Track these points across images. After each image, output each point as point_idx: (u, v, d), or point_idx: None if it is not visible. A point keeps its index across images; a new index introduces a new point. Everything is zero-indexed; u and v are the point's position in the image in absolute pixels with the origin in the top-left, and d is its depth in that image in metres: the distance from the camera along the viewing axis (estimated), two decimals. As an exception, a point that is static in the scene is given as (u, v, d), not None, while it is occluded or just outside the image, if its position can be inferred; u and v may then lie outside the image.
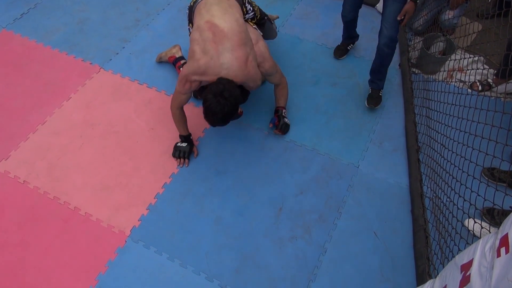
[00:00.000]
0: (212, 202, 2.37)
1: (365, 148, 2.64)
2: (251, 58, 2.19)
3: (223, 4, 2.21)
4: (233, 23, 2.14)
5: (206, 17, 2.17)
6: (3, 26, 3.27)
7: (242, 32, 2.15)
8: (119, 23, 3.34)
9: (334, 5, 3.57)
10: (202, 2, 2.28)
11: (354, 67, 3.09)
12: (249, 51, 2.18)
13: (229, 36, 2.10)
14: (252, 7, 2.44)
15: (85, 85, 2.90)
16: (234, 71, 2.14)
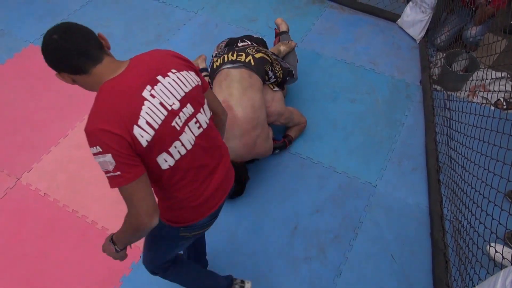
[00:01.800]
0: (227, 218, 2.37)
1: (383, 166, 2.59)
2: (260, 140, 2.24)
3: (244, 83, 2.20)
4: (248, 108, 2.16)
5: (224, 94, 2.19)
6: (30, 41, 3.39)
7: (255, 118, 2.18)
8: (141, 38, 3.41)
9: (354, 20, 3.55)
10: (224, 71, 2.27)
11: (373, 82, 3.05)
12: (259, 132, 2.22)
13: (240, 123, 2.15)
14: (275, 73, 2.39)
15: (106, 99, 2.96)
16: (240, 154, 2.24)
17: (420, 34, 3.29)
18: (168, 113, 1.20)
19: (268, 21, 3.52)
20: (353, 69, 3.15)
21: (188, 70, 1.30)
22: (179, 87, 1.24)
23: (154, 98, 1.18)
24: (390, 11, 3.54)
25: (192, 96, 1.28)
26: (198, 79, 1.33)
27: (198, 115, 1.30)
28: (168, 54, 1.31)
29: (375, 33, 3.43)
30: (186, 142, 1.27)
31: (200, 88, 1.33)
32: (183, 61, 1.32)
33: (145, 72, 1.20)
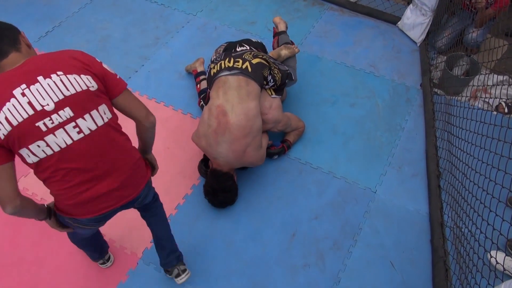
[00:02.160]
0: (225, 225, 2.35)
1: (383, 172, 2.57)
2: (251, 148, 2.20)
3: (242, 91, 2.18)
4: (242, 116, 2.13)
5: (220, 100, 2.18)
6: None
7: (248, 126, 2.15)
8: (140, 41, 3.38)
9: (354, 22, 3.52)
10: (221, 78, 2.25)
11: (373, 86, 3.03)
12: (250, 141, 2.18)
13: (232, 129, 2.13)
14: (274, 77, 2.35)
15: (104, 102, 2.94)
16: (230, 161, 2.23)
17: (421, 37, 3.26)
18: (34, 113, 1.24)
19: (267, 24, 3.50)
20: (353, 73, 3.12)
21: (81, 74, 1.31)
22: (58, 89, 1.27)
23: (23, 97, 1.23)
24: (390, 13, 3.51)
25: (74, 100, 1.29)
26: (93, 84, 1.33)
27: (79, 120, 1.31)
28: (66, 55, 1.33)
29: (375, 35, 3.40)
30: (53, 143, 1.29)
31: (92, 93, 1.33)
32: (81, 63, 1.33)
33: (29, 71, 1.25)
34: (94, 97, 1.33)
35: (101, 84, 1.36)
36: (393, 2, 3.63)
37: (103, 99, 1.37)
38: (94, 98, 1.33)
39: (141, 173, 1.56)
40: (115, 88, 1.40)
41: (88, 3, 3.69)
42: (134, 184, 1.52)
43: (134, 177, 1.51)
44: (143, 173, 1.57)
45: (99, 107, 1.35)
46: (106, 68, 1.41)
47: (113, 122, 1.43)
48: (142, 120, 1.49)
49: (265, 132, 2.46)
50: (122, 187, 1.47)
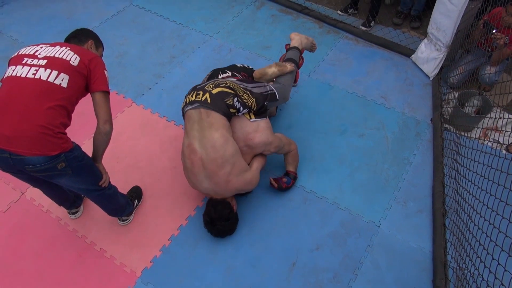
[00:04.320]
0: (225, 250, 2.34)
1: (388, 206, 2.55)
2: (233, 176, 2.17)
3: (203, 123, 2.15)
4: (209, 149, 2.11)
5: (189, 138, 2.20)
6: (48, 55, 3.46)
7: (219, 157, 2.12)
8: (155, 58, 3.46)
9: (368, 52, 3.55)
10: (187, 113, 2.25)
11: (383, 118, 3.03)
12: (229, 170, 2.15)
13: (205, 165, 2.13)
14: (244, 103, 2.26)
15: (116, 117, 2.99)
16: (218, 193, 2.25)
17: (434, 71, 3.27)
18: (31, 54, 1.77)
19: (282, 49, 3.54)
20: (363, 103, 3.13)
21: (76, 54, 1.78)
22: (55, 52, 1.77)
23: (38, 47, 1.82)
24: (405, 46, 3.53)
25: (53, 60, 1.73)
26: (76, 63, 1.75)
27: (40, 70, 1.69)
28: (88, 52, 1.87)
29: (389, 67, 3.41)
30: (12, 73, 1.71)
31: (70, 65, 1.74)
32: (87, 56, 1.81)
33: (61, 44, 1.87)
34: (67, 67, 1.72)
35: (84, 71, 1.77)
36: (408, 35, 3.66)
37: (73, 73, 1.73)
38: (66, 67, 1.72)
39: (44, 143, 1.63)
40: (93, 85, 1.79)
41: (109, 19, 3.79)
42: (28, 143, 1.61)
43: (33, 140, 1.61)
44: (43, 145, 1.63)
45: (62, 73, 1.70)
46: (100, 69, 1.83)
47: (63, 91, 1.70)
48: (99, 123, 1.81)
49: (260, 155, 2.42)
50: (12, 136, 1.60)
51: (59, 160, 1.69)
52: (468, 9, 2.85)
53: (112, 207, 2.22)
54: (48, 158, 1.65)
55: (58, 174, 1.74)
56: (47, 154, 1.64)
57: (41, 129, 1.61)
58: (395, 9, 3.94)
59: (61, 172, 1.73)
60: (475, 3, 2.92)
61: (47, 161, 1.66)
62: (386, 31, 3.67)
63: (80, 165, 1.80)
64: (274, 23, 3.81)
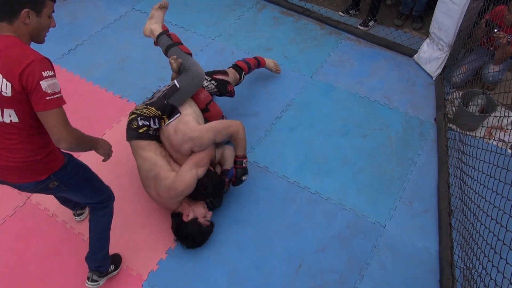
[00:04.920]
0: (230, 252, 2.34)
1: (393, 206, 2.54)
2: (158, 189, 2.24)
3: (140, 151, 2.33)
4: (147, 167, 2.28)
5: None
6: (51, 60, 3.47)
7: (145, 178, 2.29)
8: (158, 62, 3.46)
9: (371, 53, 3.55)
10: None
11: (386, 118, 3.02)
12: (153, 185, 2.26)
13: (145, 183, 2.32)
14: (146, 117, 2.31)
15: (120, 121, 3.00)
16: (170, 203, 2.29)
17: (437, 71, 3.26)
18: None
19: (284, 51, 3.55)
20: (366, 104, 3.13)
21: (5, 77, 1.42)
22: None
23: None
24: (407, 46, 3.52)
25: None
26: (7, 92, 1.43)
27: None
28: (17, 55, 1.42)
29: (391, 67, 3.41)
30: None
31: (4, 98, 1.44)
32: (16, 69, 1.40)
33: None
34: (3, 101, 1.46)
35: (20, 95, 1.44)
36: (410, 35, 3.65)
37: (15, 105, 1.46)
38: (3, 101, 1.46)
39: (24, 172, 1.60)
40: (36, 105, 1.45)
41: (111, 23, 3.81)
42: (9, 174, 1.60)
43: (12, 170, 1.58)
44: (27, 173, 1.60)
45: (5, 109, 1.47)
46: (42, 86, 1.42)
47: (14, 124, 1.50)
48: (55, 142, 1.52)
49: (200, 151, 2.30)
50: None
51: (50, 180, 1.64)
52: (470, 8, 2.85)
53: (97, 236, 2.05)
54: (38, 182, 1.62)
55: (54, 191, 1.71)
56: (36, 180, 1.61)
57: (22, 160, 1.55)
58: (396, 10, 3.94)
59: (56, 189, 1.69)
60: (477, 2, 2.91)
61: (38, 184, 1.63)
62: (388, 32, 3.67)
63: (75, 181, 1.74)
64: (276, 25, 3.82)
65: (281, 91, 3.22)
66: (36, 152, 1.57)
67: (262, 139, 2.90)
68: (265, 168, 2.72)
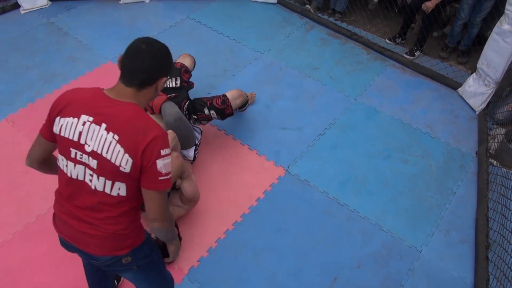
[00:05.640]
0: (269, 258, 2.42)
1: (430, 233, 2.58)
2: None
3: None
4: None
5: None
6: (109, 58, 3.68)
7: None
8: (209, 70, 3.62)
9: (415, 82, 3.63)
10: None
11: (428, 147, 3.08)
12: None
13: None
14: None
15: (170, 122, 3.15)
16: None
17: (481, 106, 3.31)
18: (76, 141, 1.35)
19: (330, 71, 3.67)
20: (408, 130, 3.20)
21: (127, 152, 1.31)
22: (103, 146, 1.32)
23: (82, 125, 1.34)
24: (452, 78, 3.59)
25: (103, 162, 1.33)
26: (127, 168, 1.33)
27: (95, 176, 1.37)
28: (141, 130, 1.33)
29: (435, 98, 3.48)
30: (69, 170, 1.41)
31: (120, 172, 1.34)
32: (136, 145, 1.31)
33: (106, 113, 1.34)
34: (118, 175, 1.35)
35: (136, 172, 1.35)
36: (455, 68, 3.72)
37: (127, 180, 1.38)
38: (117, 175, 1.36)
39: (111, 244, 1.49)
40: (147, 184, 1.37)
41: (167, 29, 4.00)
42: (98, 245, 1.48)
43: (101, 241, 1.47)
44: (115, 246, 1.50)
45: (116, 182, 1.37)
46: (158, 166, 1.33)
47: (120, 198, 1.41)
48: (148, 218, 1.44)
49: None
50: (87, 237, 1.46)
51: (126, 256, 1.52)
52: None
53: None
54: (115, 256, 1.51)
55: (124, 269, 1.60)
56: (115, 254, 1.50)
57: (114, 232, 1.46)
58: (442, 42, 4.02)
59: (125, 266, 1.56)
60: (529, 43, 2.97)
61: (114, 258, 1.51)
62: (433, 63, 3.75)
63: (147, 262, 1.62)
64: (323, 46, 3.95)
65: (325, 110, 3.32)
66: (128, 226, 1.48)
67: (304, 154, 2.99)
68: (306, 182, 2.81)
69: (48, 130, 1.43)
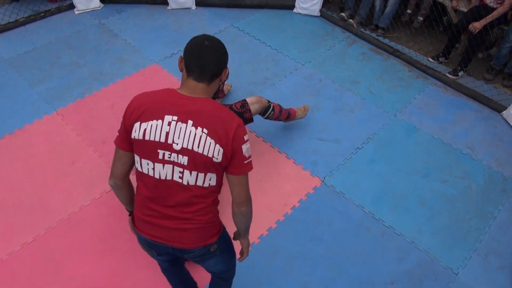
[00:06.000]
0: (302, 266, 2.43)
1: (468, 256, 2.52)
2: None
3: None
4: None
5: None
6: (155, 61, 3.82)
7: None
8: (250, 77, 3.70)
9: (457, 102, 3.58)
10: None
11: (469, 168, 3.02)
12: None
13: None
14: None
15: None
16: None
17: (526, 131, 3.23)
18: (164, 142, 1.38)
19: (370, 86, 3.67)
20: (449, 150, 3.15)
21: (217, 143, 1.37)
22: (193, 141, 1.36)
23: (168, 126, 1.37)
24: (496, 101, 3.52)
25: (195, 157, 1.38)
26: (219, 158, 1.38)
27: (186, 171, 1.40)
28: (223, 120, 1.39)
29: (477, 119, 3.42)
30: (157, 171, 1.42)
31: (212, 163, 1.39)
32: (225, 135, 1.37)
33: (189, 111, 1.38)
34: (210, 166, 1.41)
35: (226, 160, 1.41)
36: (500, 90, 3.65)
37: (217, 170, 1.44)
38: (210, 166, 1.41)
39: (204, 235, 1.56)
40: (236, 170, 1.44)
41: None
42: (191, 238, 1.54)
43: (194, 233, 1.53)
44: (207, 236, 1.57)
45: (208, 173, 1.42)
46: (243, 150, 1.42)
47: (211, 188, 1.47)
48: (235, 204, 1.51)
49: None
50: (180, 232, 1.51)
51: (214, 243, 1.59)
52: None
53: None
54: (206, 245, 1.58)
55: (209, 257, 1.65)
56: (206, 243, 1.57)
57: (206, 222, 1.52)
58: (487, 64, 3.95)
59: (212, 254, 1.63)
60: None
61: (204, 248, 1.58)
62: (477, 84, 3.69)
63: (226, 244, 1.70)
64: (364, 61, 3.96)
65: (364, 124, 3.32)
66: (215, 214, 1.56)
67: (341, 166, 3.00)
68: (342, 194, 2.81)
69: (125, 140, 1.45)
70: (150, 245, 1.60)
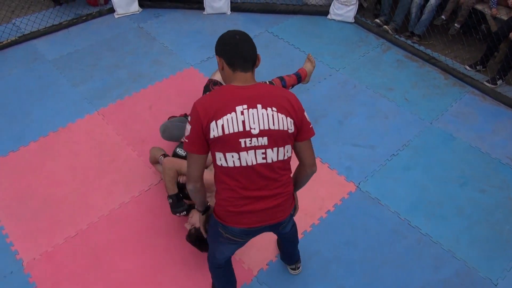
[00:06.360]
0: (337, 270, 2.43)
1: (507, 267, 2.47)
2: None
3: None
4: None
5: None
6: (191, 64, 3.91)
7: None
8: (284, 82, 3.73)
9: (495, 111, 3.51)
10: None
11: (508, 178, 2.96)
12: None
13: None
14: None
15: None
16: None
17: None
18: (243, 130, 1.48)
19: (405, 94, 3.65)
20: (486, 160, 3.09)
21: (288, 116, 1.52)
22: (267, 121, 1.49)
23: (241, 115, 1.48)
24: (537, 111, 3.44)
25: (273, 134, 1.51)
26: (292, 128, 1.53)
27: (268, 150, 1.52)
28: (284, 96, 1.54)
29: (517, 129, 3.35)
30: (243, 159, 1.51)
31: (288, 135, 1.53)
32: (291, 107, 1.53)
33: (253, 96, 1.50)
34: (287, 138, 1.54)
35: (296, 130, 1.56)
36: (541, 100, 3.56)
37: (291, 140, 1.58)
38: (287, 138, 1.55)
39: (289, 203, 1.71)
40: (304, 135, 1.59)
41: (245, 41, 4.18)
42: (283, 210, 1.69)
43: (284, 205, 1.67)
44: (290, 204, 1.73)
45: (286, 145, 1.56)
46: (306, 117, 1.59)
47: (288, 159, 1.61)
48: (307, 167, 1.67)
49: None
50: (274, 209, 1.65)
51: (294, 207, 1.80)
52: None
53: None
54: (290, 214, 1.76)
55: (289, 220, 1.80)
56: (291, 211, 1.74)
57: (290, 192, 1.69)
58: (527, 73, 3.86)
59: (291, 217, 1.82)
60: None
61: (290, 214, 1.77)
62: (517, 93, 3.61)
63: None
64: (399, 68, 3.93)
65: (399, 131, 3.30)
66: (291, 180, 1.70)
67: (376, 172, 2.99)
68: (377, 200, 2.80)
69: (201, 144, 1.52)
70: (248, 233, 1.71)
